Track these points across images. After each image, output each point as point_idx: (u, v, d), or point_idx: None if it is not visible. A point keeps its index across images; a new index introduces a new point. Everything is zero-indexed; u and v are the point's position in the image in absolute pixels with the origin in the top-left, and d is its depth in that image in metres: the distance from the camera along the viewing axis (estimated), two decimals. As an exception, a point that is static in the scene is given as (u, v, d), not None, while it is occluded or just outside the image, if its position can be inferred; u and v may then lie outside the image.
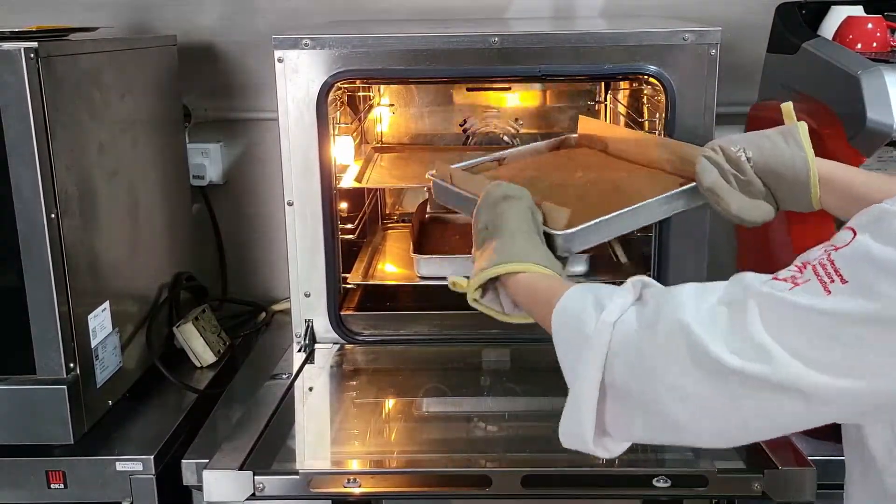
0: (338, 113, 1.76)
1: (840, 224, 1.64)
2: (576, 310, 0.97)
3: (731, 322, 0.85)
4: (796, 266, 0.87)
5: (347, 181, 1.76)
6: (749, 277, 0.88)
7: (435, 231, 1.99)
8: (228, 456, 1.26)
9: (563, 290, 1.01)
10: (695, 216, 1.57)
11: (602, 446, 0.96)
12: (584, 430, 0.94)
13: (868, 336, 0.79)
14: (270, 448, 1.31)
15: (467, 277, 1.15)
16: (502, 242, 1.13)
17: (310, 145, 1.56)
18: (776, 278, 0.86)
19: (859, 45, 1.55)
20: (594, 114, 2.12)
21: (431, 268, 1.76)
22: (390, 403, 1.53)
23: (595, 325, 0.92)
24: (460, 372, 1.61)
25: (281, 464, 1.27)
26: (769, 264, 1.68)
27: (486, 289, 1.15)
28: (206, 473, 1.23)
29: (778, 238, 1.63)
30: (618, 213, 1.25)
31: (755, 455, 1.28)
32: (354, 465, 1.32)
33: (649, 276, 1.69)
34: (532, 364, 1.62)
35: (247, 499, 1.23)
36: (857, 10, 1.60)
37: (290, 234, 1.60)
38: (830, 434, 1.46)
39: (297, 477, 1.23)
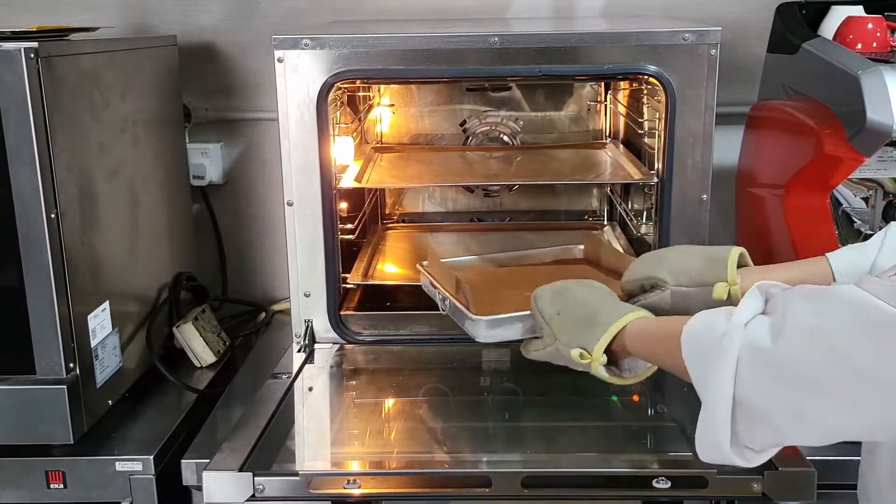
0: (338, 113, 1.75)
1: (838, 220, 1.65)
2: (705, 323, 0.98)
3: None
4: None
5: (347, 181, 1.76)
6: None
7: (483, 284, 1.57)
8: (228, 457, 1.26)
9: (684, 319, 1.02)
10: (694, 216, 1.58)
11: (741, 456, 0.96)
12: (719, 440, 0.94)
13: None
14: (270, 449, 1.31)
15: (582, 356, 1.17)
16: (592, 313, 1.19)
17: (310, 145, 1.56)
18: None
19: (859, 45, 1.55)
20: (595, 113, 2.12)
21: (498, 331, 1.36)
22: (390, 403, 1.53)
23: (725, 327, 0.93)
24: (460, 372, 1.61)
25: (281, 465, 1.27)
26: (769, 264, 1.68)
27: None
28: (205, 475, 1.23)
29: (778, 238, 1.63)
30: None
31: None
32: (354, 466, 1.32)
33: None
34: (532, 364, 1.61)
35: (247, 500, 1.22)
36: (858, 10, 1.60)
37: (289, 234, 1.60)
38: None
39: (297, 478, 1.23)
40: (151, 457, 1.43)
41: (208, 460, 1.27)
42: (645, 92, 1.80)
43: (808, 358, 0.87)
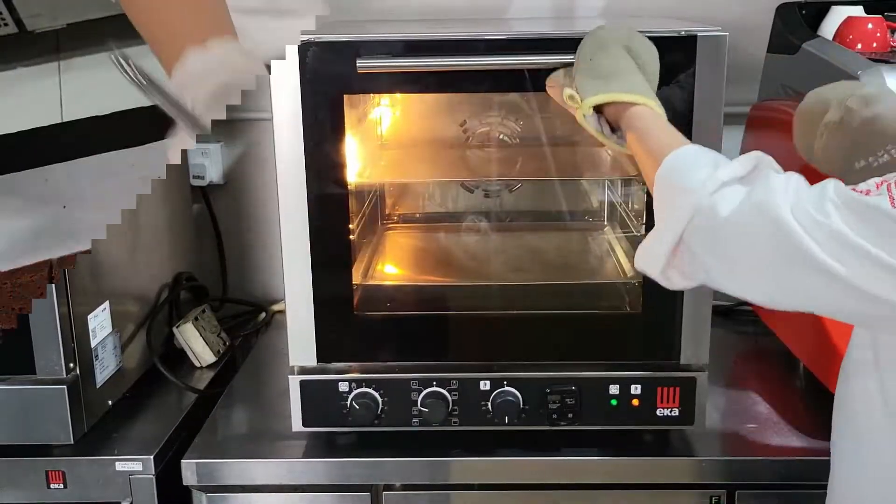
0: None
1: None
2: (691, 163, 1.02)
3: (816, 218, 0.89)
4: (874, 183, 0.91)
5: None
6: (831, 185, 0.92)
7: None
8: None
9: (681, 141, 1.07)
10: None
11: (667, 278, 1.05)
12: (656, 263, 1.04)
13: None
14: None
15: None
16: (620, 74, 1.19)
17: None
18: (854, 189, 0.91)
19: (859, 46, 1.55)
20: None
21: None
22: None
23: (703, 179, 0.98)
24: None
25: None
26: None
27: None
28: None
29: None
30: None
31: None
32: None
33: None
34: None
35: None
36: (858, 11, 1.61)
37: (290, 234, 1.60)
38: (830, 434, 1.46)
39: None
40: (151, 457, 1.43)
41: (208, 460, 1.27)
42: (645, 92, 1.80)
43: (754, 233, 0.92)
